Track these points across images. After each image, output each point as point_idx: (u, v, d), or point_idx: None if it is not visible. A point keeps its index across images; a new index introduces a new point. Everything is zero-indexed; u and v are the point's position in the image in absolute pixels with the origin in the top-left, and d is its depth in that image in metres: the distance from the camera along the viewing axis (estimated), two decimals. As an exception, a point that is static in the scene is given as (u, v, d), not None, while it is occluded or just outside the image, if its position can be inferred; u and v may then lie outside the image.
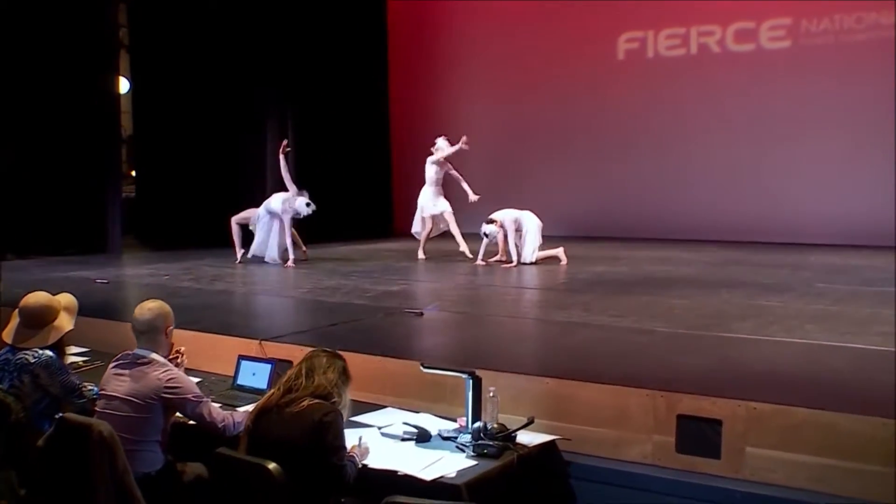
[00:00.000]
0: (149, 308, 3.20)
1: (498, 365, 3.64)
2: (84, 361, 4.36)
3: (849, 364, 3.71)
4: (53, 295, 3.63)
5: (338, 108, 12.14)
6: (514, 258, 7.69)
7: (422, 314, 4.95)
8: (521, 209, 8.49)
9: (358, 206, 12.72)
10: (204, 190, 11.01)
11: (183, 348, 3.43)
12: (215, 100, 10.90)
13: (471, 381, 3.13)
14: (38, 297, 3.47)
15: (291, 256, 7.67)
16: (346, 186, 12.38)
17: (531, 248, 7.85)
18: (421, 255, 8.32)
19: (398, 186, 13.32)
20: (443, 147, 8.45)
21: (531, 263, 7.72)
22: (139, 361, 3.10)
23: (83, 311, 5.04)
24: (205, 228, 10.83)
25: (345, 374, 2.93)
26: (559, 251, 8.00)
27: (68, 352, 3.74)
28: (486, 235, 7.88)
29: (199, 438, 3.21)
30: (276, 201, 7.89)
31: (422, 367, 3.29)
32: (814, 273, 7.22)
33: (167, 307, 3.24)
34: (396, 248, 9.96)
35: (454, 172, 8.69)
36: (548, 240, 11.22)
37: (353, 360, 3.92)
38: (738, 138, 11.10)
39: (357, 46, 12.47)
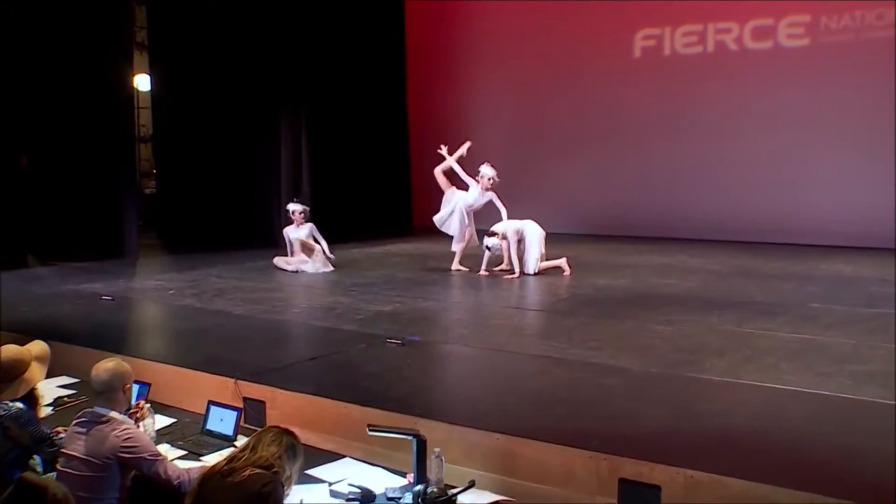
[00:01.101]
0: (105, 369, 3.30)
1: (455, 415, 3.69)
2: (69, 397, 4.50)
3: (807, 418, 3.68)
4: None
5: (355, 105, 12.23)
6: (517, 269, 7.71)
7: (403, 344, 5.02)
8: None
9: (376, 202, 12.83)
10: (220, 186, 11.21)
11: (143, 402, 3.53)
12: (233, 97, 10.99)
13: (415, 442, 3.18)
14: (7, 351, 3.59)
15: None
16: (364, 183, 12.48)
17: (534, 259, 7.85)
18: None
19: (417, 182, 13.35)
20: (485, 172, 8.29)
21: (534, 274, 7.75)
22: (97, 421, 3.21)
23: (80, 337, 5.28)
24: (221, 224, 11.13)
25: (292, 450, 2.95)
26: (562, 261, 8.00)
27: (42, 397, 3.82)
28: (489, 248, 7.90)
29: (161, 493, 3.32)
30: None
31: (368, 431, 3.34)
32: (818, 288, 7.13)
33: (124, 366, 3.35)
34: (409, 251, 10.03)
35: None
36: (563, 238, 11.31)
37: (321, 405, 4.05)
38: (755, 137, 10.93)
39: (375, 43, 12.50)
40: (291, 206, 8.71)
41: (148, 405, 3.68)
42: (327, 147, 11.54)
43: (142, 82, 13.04)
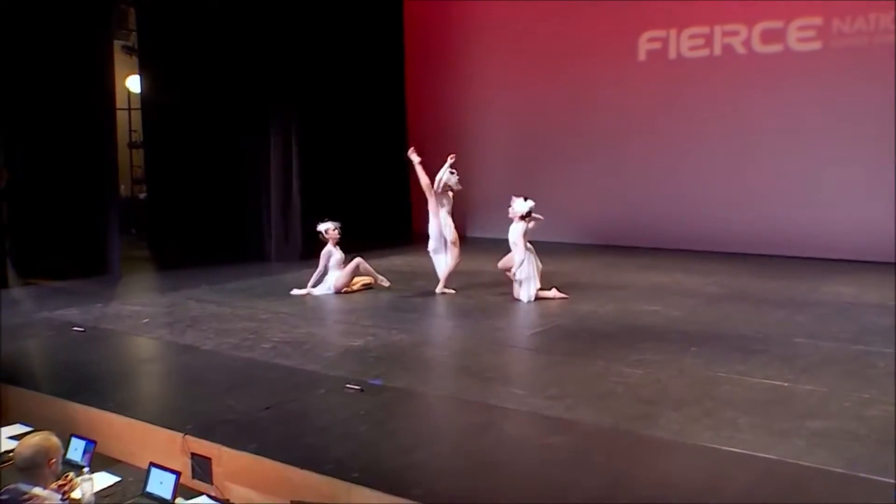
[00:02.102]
0: (29, 445, 3.46)
1: (388, 481, 3.81)
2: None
3: (746, 489, 3.76)
4: None
5: (352, 109, 12.36)
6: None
7: (362, 390, 5.15)
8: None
9: (373, 210, 12.95)
10: (210, 194, 11.46)
11: (71, 475, 3.70)
12: (224, 102, 11.21)
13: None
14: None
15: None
16: (360, 191, 12.61)
17: (527, 291, 7.92)
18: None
19: (416, 188, 13.45)
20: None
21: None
22: (20, 499, 3.38)
23: (39, 379, 5.46)
24: (211, 233, 11.35)
25: None
26: (552, 293, 8.04)
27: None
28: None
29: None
30: None
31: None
32: (809, 318, 7.16)
33: (50, 441, 3.50)
34: (400, 267, 10.13)
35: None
36: (563, 248, 11.47)
37: (263, 466, 4.19)
38: (764, 144, 10.95)
39: (372, 45, 12.61)
40: (324, 226, 8.59)
41: (82, 475, 3.84)
42: (320, 153, 11.66)
43: (133, 84, 13.26)
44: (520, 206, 8.08)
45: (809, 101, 10.60)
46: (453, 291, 8.34)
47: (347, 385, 5.22)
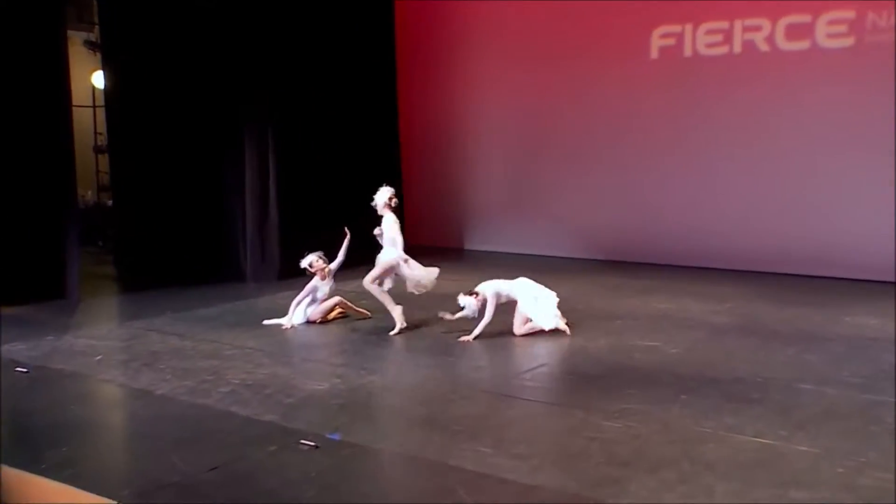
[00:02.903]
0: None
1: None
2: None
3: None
4: None
5: (338, 113, 12.42)
6: (475, 332, 7.94)
7: (317, 447, 5.37)
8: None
9: (365, 222, 13.07)
10: (180, 202, 11.64)
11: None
12: (195, 103, 11.44)
13: None
14: None
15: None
16: (348, 201, 12.68)
17: (518, 323, 8.11)
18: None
19: (409, 198, 13.65)
20: None
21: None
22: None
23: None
24: (180, 249, 11.51)
25: None
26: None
27: None
28: (462, 308, 8.12)
29: None
30: None
31: None
32: (821, 357, 7.29)
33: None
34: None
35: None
36: (567, 265, 11.65)
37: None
38: (789, 150, 11.04)
39: (360, 42, 12.67)
40: (307, 260, 8.79)
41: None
42: (301, 160, 11.80)
43: (99, 81, 13.46)
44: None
45: (840, 104, 10.67)
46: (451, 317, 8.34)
47: (302, 441, 5.43)
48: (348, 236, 8.83)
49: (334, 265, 8.75)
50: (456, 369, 7.15)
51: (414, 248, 13.12)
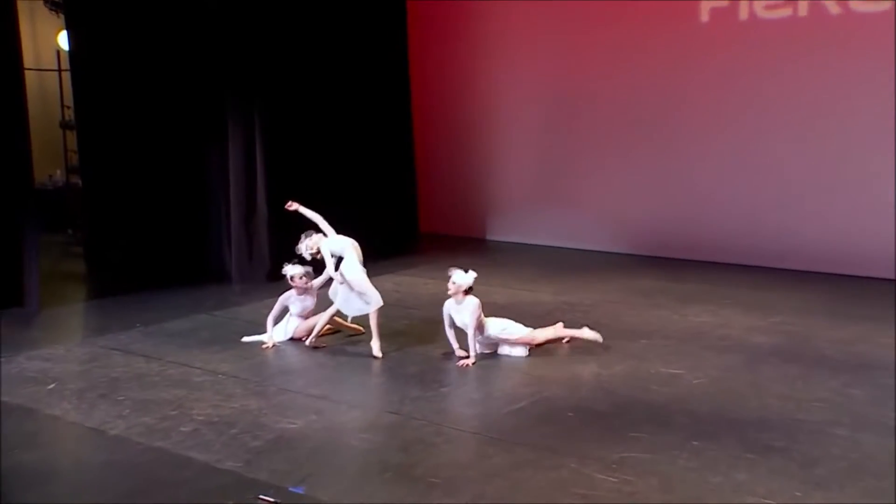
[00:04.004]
0: None
1: None
2: None
3: None
4: None
5: (338, 88, 12.73)
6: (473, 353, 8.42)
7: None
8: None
9: (370, 211, 13.34)
10: (157, 188, 12.10)
11: None
12: (174, 79, 11.85)
13: None
14: None
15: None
16: (352, 187, 12.96)
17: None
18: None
19: (424, 177, 14.01)
20: None
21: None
22: None
23: None
24: (158, 240, 12.01)
25: None
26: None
27: None
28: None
29: None
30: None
31: None
32: (871, 390, 7.47)
33: None
34: (388, 294, 10.55)
35: None
36: (602, 260, 11.92)
37: None
38: (867, 129, 11.04)
39: (365, 11, 12.97)
40: (290, 271, 9.10)
41: None
42: (294, 143, 12.16)
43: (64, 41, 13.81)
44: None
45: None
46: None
47: (261, 497, 5.84)
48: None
49: (318, 282, 9.11)
50: (446, 403, 7.52)
51: (430, 238, 13.64)
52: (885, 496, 5.69)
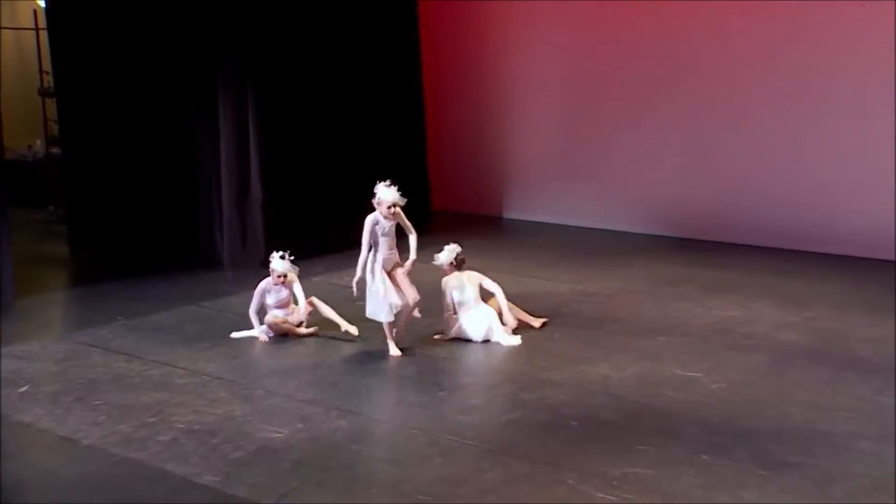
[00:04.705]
0: None
1: None
2: None
3: None
4: None
5: (341, 58, 12.83)
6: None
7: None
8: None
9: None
10: (144, 166, 12.39)
11: None
12: (162, 44, 12.06)
13: None
14: None
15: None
16: (358, 163, 13.06)
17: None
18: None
19: (435, 151, 14.17)
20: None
21: None
22: None
23: None
24: (146, 222, 12.29)
25: None
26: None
27: None
28: None
29: None
30: None
31: None
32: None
33: None
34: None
35: None
36: (629, 241, 12.11)
37: None
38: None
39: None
40: (276, 265, 9.37)
41: None
42: (292, 120, 12.31)
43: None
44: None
45: None
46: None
47: (238, 515, 6.14)
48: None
49: (297, 289, 9.43)
50: (442, 409, 7.73)
51: (442, 215, 13.80)
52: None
